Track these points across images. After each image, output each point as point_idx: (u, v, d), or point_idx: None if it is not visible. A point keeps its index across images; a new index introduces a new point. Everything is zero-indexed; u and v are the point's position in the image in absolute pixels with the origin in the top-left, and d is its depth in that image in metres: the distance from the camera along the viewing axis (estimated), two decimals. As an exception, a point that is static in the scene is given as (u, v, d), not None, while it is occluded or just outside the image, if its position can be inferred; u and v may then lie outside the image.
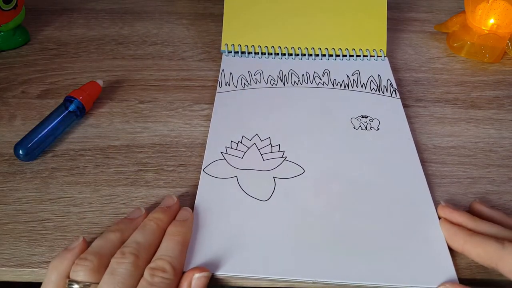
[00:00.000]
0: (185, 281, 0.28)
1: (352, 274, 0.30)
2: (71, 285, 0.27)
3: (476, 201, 0.35)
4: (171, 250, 0.29)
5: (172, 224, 0.31)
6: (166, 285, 0.27)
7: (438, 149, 0.41)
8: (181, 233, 0.31)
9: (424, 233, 0.33)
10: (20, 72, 0.48)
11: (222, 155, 0.38)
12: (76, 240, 0.30)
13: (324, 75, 0.48)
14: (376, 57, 0.51)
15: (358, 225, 0.33)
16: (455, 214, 0.33)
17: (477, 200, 0.35)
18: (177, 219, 0.32)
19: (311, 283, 0.30)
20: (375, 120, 0.42)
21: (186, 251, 0.31)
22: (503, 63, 0.53)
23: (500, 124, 0.44)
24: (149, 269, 0.28)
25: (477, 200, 0.35)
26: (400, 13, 0.62)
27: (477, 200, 0.35)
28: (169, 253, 0.29)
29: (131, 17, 0.58)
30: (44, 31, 0.55)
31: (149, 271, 0.27)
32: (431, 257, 0.31)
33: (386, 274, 0.30)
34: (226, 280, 0.31)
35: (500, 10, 0.50)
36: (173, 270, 0.28)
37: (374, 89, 0.46)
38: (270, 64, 0.49)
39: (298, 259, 0.31)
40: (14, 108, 0.43)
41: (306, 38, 0.51)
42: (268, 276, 0.30)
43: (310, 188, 0.36)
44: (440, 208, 0.34)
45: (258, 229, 0.33)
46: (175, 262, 0.28)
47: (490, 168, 0.39)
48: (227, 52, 0.50)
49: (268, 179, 0.36)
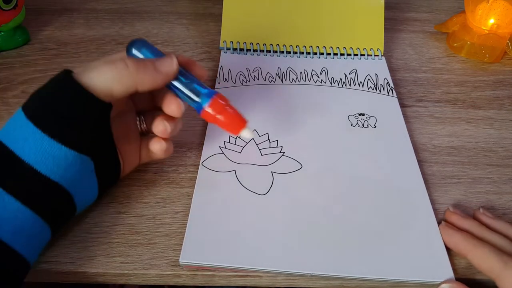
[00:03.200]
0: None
1: (350, 267, 0.30)
2: None
3: (479, 210, 0.34)
4: None
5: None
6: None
7: (438, 149, 0.41)
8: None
9: (420, 227, 0.33)
10: (20, 72, 0.48)
11: (220, 149, 0.38)
12: None
13: (322, 73, 0.48)
14: (373, 56, 0.51)
15: (355, 219, 0.34)
16: (461, 221, 0.33)
17: (481, 210, 0.34)
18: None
19: (309, 276, 0.30)
20: (372, 117, 0.43)
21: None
22: (503, 63, 0.53)
23: (500, 124, 0.44)
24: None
25: (480, 210, 0.34)
26: (400, 13, 0.62)
27: (480, 210, 0.34)
28: None
29: (131, 17, 0.58)
30: (44, 31, 0.55)
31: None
32: (427, 251, 0.32)
33: (383, 267, 0.31)
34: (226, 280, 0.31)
35: (500, 10, 0.50)
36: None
37: (371, 88, 0.46)
38: (268, 62, 0.49)
39: (296, 252, 0.31)
40: (14, 108, 0.42)
41: (304, 37, 0.51)
42: (266, 269, 0.30)
43: (307, 183, 0.36)
44: (448, 214, 0.34)
45: (256, 222, 0.33)
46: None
47: (490, 168, 0.39)
48: (226, 49, 0.51)
49: (266, 174, 0.37)
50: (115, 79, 0.28)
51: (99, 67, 0.28)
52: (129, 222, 0.34)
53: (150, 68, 0.29)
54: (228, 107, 0.33)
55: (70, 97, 0.27)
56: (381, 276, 0.30)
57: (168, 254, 0.32)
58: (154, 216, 0.34)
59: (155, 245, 0.32)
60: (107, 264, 0.31)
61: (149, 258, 0.31)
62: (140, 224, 0.34)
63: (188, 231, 0.32)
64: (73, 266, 0.31)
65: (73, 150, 0.27)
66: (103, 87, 0.28)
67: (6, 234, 0.25)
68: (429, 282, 0.30)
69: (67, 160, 0.27)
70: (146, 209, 0.35)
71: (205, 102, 0.32)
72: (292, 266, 0.30)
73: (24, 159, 0.26)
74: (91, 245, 0.32)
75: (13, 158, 0.26)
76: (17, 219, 0.26)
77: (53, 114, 0.27)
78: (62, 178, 0.27)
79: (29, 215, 0.26)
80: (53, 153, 0.27)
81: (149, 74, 0.29)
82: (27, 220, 0.26)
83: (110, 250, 0.32)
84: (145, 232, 0.33)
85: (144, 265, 0.31)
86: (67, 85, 0.27)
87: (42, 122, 0.27)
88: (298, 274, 0.30)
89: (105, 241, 0.32)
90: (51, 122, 0.27)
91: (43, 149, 0.26)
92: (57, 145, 0.27)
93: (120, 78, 0.28)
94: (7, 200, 0.26)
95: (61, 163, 0.27)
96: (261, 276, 0.31)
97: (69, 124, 0.27)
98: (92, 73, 0.28)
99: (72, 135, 0.27)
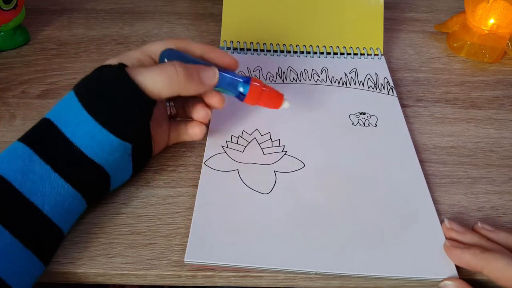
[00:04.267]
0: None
1: (353, 265, 0.31)
2: None
3: (477, 224, 0.33)
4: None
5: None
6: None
7: (438, 149, 0.41)
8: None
9: (422, 225, 0.33)
10: (20, 72, 0.48)
11: (223, 148, 0.39)
12: None
13: (322, 72, 0.48)
14: (373, 56, 0.51)
15: (357, 217, 0.34)
16: (462, 236, 0.32)
17: (479, 224, 0.33)
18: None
19: (313, 274, 0.31)
20: (373, 116, 0.43)
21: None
22: (503, 63, 0.53)
23: (500, 124, 0.44)
24: None
25: (478, 224, 0.33)
26: (400, 13, 0.62)
27: (478, 224, 0.33)
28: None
29: (131, 17, 0.58)
30: (44, 31, 0.55)
31: None
32: (429, 248, 0.32)
33: (387, 265, 0.31)
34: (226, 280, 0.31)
35: (500, 10, 0.50)
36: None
37: (371, 87, 0.46)
38: (268, 61, 0.49)
39: (300, 250, 0.31)
40: (14, 108, 0.43)
41: (305, 36, 0.51)
42: (270, 267, 0.30)
43: (310, 182, 0.36)
44: (446, 230, 0.33)
45: (259, 221, 0.33)
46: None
47: (490, 168, 0.39)
48: (226, 48, 0.51)
49: (269, 173, 0.37)
50: (164, 84, 0.31)
51: (153, 70, 0.31)
52: (129, 223, 0.34)
53: (196, 79, 0.33)
54: (265, 88, 0.36)
55: (124, 92, 0.30)
56: (385, 274, 0.30)
57: (168, 254, 0.32)
58: (154, 217, 0.34)
59: (155, 246, 0.32)
60: (107, 265, 0.31)
61: (149, 258, 0.31)
62: (140, 225, 0.34)
63: (192, 230, 0.32)
64: (73, 267, 0.31)
65: (119, 138, 0.31)
66: (153, 88, 0.31)
67: (47, 206, 0.29)
68: (433, 280, 0.30)
69: (112, 146, 0.31)
70: (146, 210, 0.35)
71: (245, 90, 0.35)
72: (296, 264, 0.30)
73: (74, 142, 0.30)
74: (91, 246, 0.32)
75: (64, 140, 0.30)
76: (59, 194, 0.29)
77: (107, 106, 0.30)
78: (104, 161, 0.31)
79: (71, 193, 0.30)
80: (102, 140, 0.30)
81: (194, 85, 0.33)
82: (68, 197, 0.30)
83: (110, 250, 0.32)
84: (145, 232, 0.33)
85: (144, 265, 0.31)
86: (123, 80, 0.30)
87: (96, 111, 0.30)
88: (302, 272, 0.31)
89: (105, 241, 0.32)
90: (104, 113, 0.30)
91: (93, 135, 0.30)
92: (106, 133, 0.30)
93: (170, 84, 0.31)
94: (53, 177, 0.29)
95: (106, 148, 0.30)
96: (261, 276, 0.31)
97: (120, 116, 0.30)
98: (146, 74, 0.31)
99: (121, 126, 0.30)
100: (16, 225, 0.27)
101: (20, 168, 0.28)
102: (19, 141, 0.30)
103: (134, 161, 0.34)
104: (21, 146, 0.29)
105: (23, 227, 0.28)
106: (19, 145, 0.29)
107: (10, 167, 0.28)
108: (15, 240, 0.27)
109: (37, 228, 0.28)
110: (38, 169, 0.29)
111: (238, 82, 0.35)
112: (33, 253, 0.28)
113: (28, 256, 0.28)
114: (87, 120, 0.30)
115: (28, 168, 0.28)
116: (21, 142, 0.30)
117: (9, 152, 0.29)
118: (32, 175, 0.28)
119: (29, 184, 0.28)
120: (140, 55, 0.34)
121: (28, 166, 0.29)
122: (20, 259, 0.27)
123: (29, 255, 0.28)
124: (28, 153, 0.29)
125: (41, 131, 0.30)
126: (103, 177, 0.32)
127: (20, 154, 0.29)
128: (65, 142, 0.29)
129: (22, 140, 0.30)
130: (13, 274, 0.26)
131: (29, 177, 0.28)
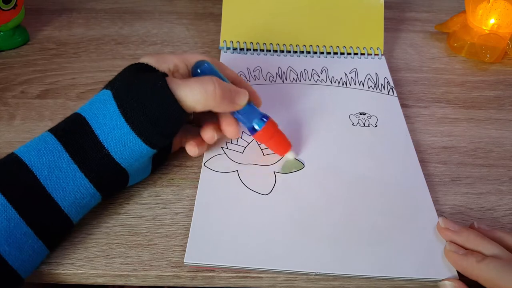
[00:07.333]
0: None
1: (353, 266, 0.31)
2: None
3: (474, 224, 0.33)
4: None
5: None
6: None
7: (438, 150, 0.41)
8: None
9: (422, 226, 0.33)
10: (20, 72, 0.48)
11: (222, 150, 0.38)
12: None
13: (322, 72, 0.48)
14: (373, 56, 0.51)
15: (358, 218, 0.34)
16: (457, 235, 0.32)
17: (475, 224, 0.33)
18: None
19: (313, 275, 0.31)
20: (373, 117, 0.43)
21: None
22: (503, 63, 0.53)
23: (501, 124, 0.44)
24: None
25: (475, 224, 0.33)
26: (400, 12, 0.62)
27: (475, 224, 0.33)
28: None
29: (131, 17, 0.58)
30: (43, 31, 0.55)
31: None
32: (429, 249, 0.32)
33: (387, 265, 0.31)
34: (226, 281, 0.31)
35: (501, 10, 0.50)
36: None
37: (371, 87, 0.46)
38: (268, 61, 0.49)
39: (300, 251, 0.31)
40: (14, 108, 0.43)
41: (305, 36, 0.51)
42: (270, 268, 0.30)
43: (310, 183, 0.36)
44: (441, 230, 0.32)
45: (259, 222, 0.33)
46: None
47: (491, 168, 0.39)
48: (226, 48, 0.50)
49: (269, 174, 0.37)
50: (201, 100, 0.32)
51: (193, 85, 0.32)
52: (129, 223, 0.34)
53: (229, 98, 0.33)
54: (277, 132, 0.36)
55: (164, 106, 0.31)
56: (385, 274, 0.30)
57: (168, 255, 0.32)
58: (154, 217, 0.34)
59: (155, 246, 0.32)
60: (106, 265, 0.31)
61: (149, 259, 0.31)
62: (140, 225, 0.33)
63: (192, 231, 0.32)
64: (73, 267, 0.31)
65: (149, 147, 0.31)
66: (191, 103, 0.32)
67: (66, 203, 0.29)
68: (433, 280, 0.30)
69: (141, 154, 0.32)
70: (146, 210, 0.34)
71: (260, 126, 0.35)
72: (296, 265, 0.30)
73: (105, 146, 0.30)
74: (91, 246, 0.32)
75: (95, 142, 0.30)
76: (80, 192, 0.30)
77: (145, 116, 0.30)
78: (129, 166, 0.32)
79: (91, 192, 0.31)
80: (133, 147, 0.31)
81: (227, 104, 0.33)
82: (87, 195, 0.31)
83: (110, 251, 0.32)
84: (145, 233, 0.33)
85: (144, 266, 0.31)
86: (164, 93, 0.31)
87: (134, 119, 0.30)
88: (303, 273, 0.31)
89: (105, 242, 0.32)
90: (142, 123, 0.30)
91: (125, 142, 0.30)
92: (140, 142, 0.31)
93: (206, 101, 0.32)
94: (78, 176, 0.30)
95: (135, 155, 0.31)
96: (261, 277, 0.31)
97: (155, 129, 0.31)
98: (187, 90, 0.31)
99: (155, 137, 0.31)
100: (34, 216, 0.28)
101: (48, 162, 0.29)
102: (51, 133, 0.30)
103: (154, 163, 0.35)
104: (53, 139, 0.30)
105: (40, 219, 0.29)
106: (51, 137, 0.30)
107: (39, 161, 0.29)
108: (29, 231, 0.28)
109: (52, 221, 0.29)
110: (65, 167, 0.29)
111: (255, 116, 0.35)
112: (44, 244, 0.29)
113: (40, 247, 0.29)
114: (123, 127, 0.30)
115: (56, 163, 0.29)
116: (53, 135, 0.30)
117: (39, 143, 0.30)
118: (58, 172, 0.29)
119: (54, 180, 0.29)
120: (178, 62, 0.35)
121: (56, 162, 0.29)
122: (31, 248, 0.28)
123: (40, 245, 0.29)
124: (58, 148, 0.29)
125: (74, 128, 0.31)
126: (124, 178, 0.33)
127: (51, 148, 0.29)
128: (97, 145, 0.30)
129: (54, 133, 0.30)
130: (22, 262, 0.28)
131: (55, 173, 0.29)
